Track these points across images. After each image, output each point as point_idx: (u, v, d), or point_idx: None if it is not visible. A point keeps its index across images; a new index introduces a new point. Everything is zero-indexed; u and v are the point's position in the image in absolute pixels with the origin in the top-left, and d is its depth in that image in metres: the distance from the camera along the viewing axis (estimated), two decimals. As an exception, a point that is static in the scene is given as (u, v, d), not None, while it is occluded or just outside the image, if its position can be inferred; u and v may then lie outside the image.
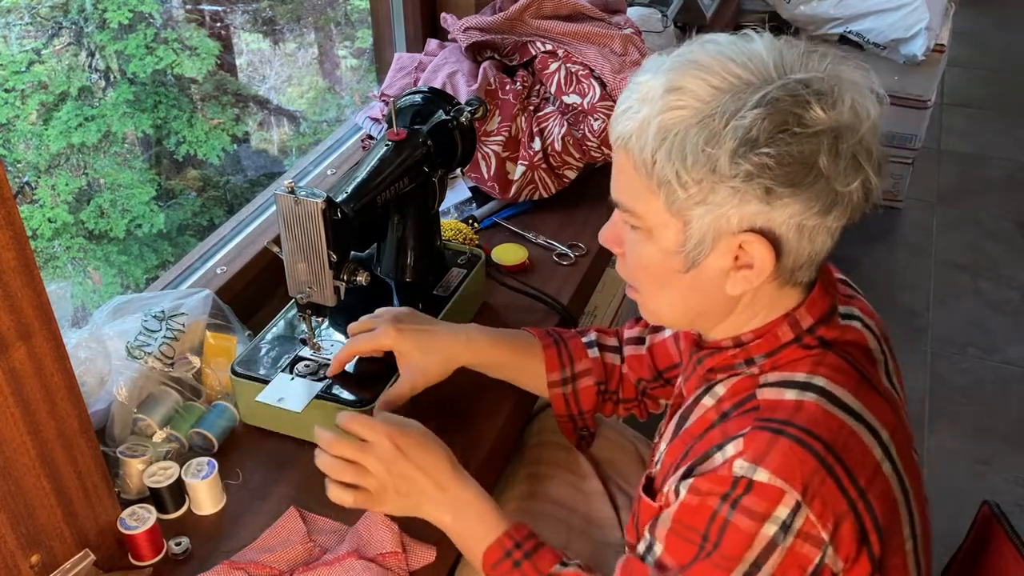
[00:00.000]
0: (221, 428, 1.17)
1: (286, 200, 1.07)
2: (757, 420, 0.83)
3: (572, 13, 1.72)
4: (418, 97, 1.32)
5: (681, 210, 0.81)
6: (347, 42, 3.89)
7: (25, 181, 2.95)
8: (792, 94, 0.76)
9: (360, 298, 1.24)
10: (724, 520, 0.80)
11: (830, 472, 0.79)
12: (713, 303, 0.87)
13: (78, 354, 1.09)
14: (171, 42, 3.14)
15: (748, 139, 0.76)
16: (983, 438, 2.37)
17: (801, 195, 0.78)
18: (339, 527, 1.06)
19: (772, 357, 0.87)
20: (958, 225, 3.20)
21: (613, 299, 1.76)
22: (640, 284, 0.92)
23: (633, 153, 0.82)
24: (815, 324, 0.87)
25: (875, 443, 0.84)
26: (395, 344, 1.10)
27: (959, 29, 4.06)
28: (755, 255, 0.81)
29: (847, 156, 0.78)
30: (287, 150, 3.70)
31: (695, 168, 0.78)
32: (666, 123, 0.78)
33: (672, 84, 0.79)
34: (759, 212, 0.79)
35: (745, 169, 0.77)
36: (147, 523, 1.01)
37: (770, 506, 0.78)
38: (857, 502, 0.81)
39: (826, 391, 0.84)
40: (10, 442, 0.88)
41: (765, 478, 0.78)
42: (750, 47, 0.80)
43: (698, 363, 0.93)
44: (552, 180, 1.60)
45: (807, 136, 0.76)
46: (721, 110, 0.77)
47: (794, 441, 0.80)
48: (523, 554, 0.97)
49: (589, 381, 1.18)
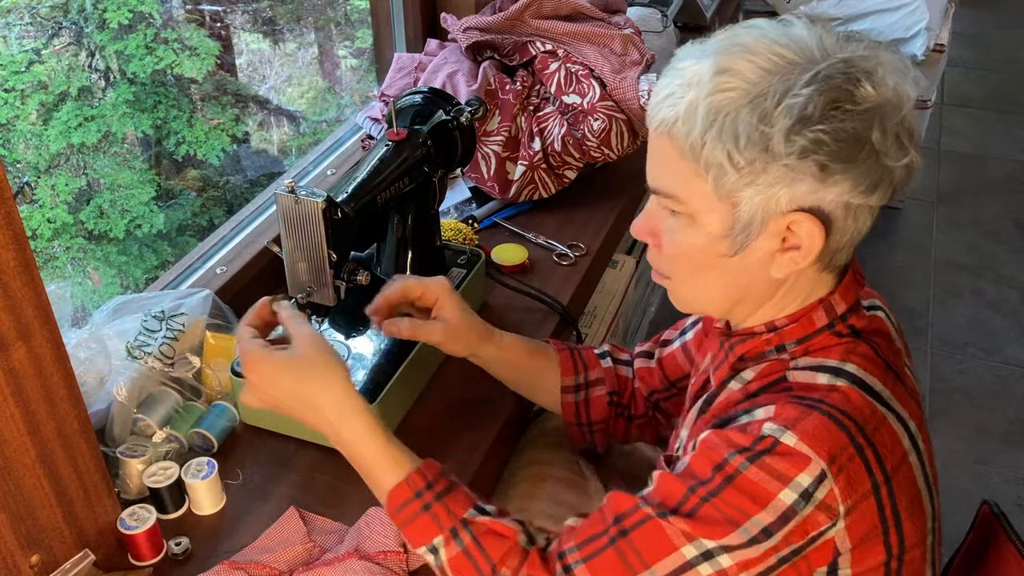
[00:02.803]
0: (221, 428, 1.17)
1: (286, 200, 1.07)
2: (790, 395, 0.82)
3: (572, 13, 1.72)
4: (418, 97, 1.32)
5: (730, 192, 0.81)
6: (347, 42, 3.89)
7: (25, 181, 2.95)
8: (843, 72, 0.77)
9: (360, 298, 1.24)
10: (734, 470, 0.79)
11: (859, 451, 0.79)
12: (756, 287, 0.87)
13: (78, 354, 1.09)
14: (171, 42, 3.15)
15: (803, 116, 0.76)
16: (983, 438, 2.37)
17: (853, 171, 0.78)
18: (339, 527, 1.06)
19: (804, 343, 0.87)
20: (958, 225, 3.21)
21: (613, 299, 1.76)
22: (676, 272, 0.91)
23: (679, 137, 0.81)
24: (847, 312, 0.88)
25: (904, 433, 0.84)
26: (443, 291, 1.09)
27: (959, 29, 4.06)
28: (804, 235, 0.81)
29: (892, 134, 0.79)
30: (287, 150, 3.70)
31: (748, 148, 0.78)
32: (715, 105, 0.78)
33: (721, 66, 0.79)
34: (810, 191, 0.79)
35: (800, 145, 0.77)
36: (147, 523, 1.01)
37: (791, 470, 0.77)
38: (881, 487, 0.80)
39: (857, 378, 0.84)
40: (10, 442, 0.88)
41: (792, 441, 0.78)
42: (792, 31, 0.81)
43: (730, 350, 0.93)
44: (552, 180, 1.60)
45: (858, 112, 0.77)
46: (772, 90, 0.77)
47: (827, 416, 0.79)
48: (435, 495, 0.91)
49: (601, 391, 1.18)
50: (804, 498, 0.78)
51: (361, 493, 1.11)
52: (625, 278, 1.81)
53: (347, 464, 1.14)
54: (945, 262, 3.02)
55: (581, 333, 1.47)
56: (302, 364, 0.92)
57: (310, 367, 0.92)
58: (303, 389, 0.92)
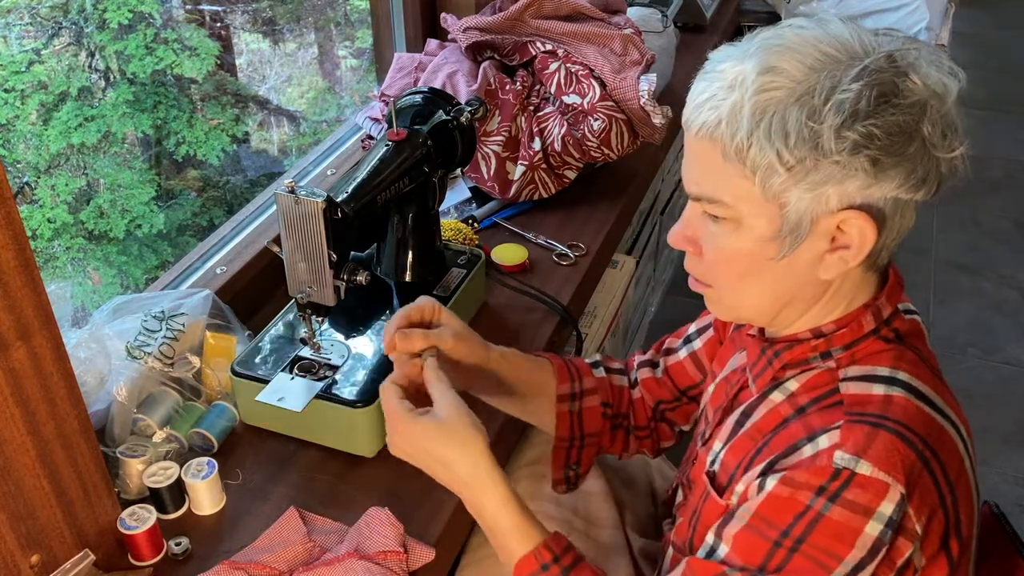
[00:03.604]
0: (221, 428, 1.17)
1: (286, 200, 1.07)
2: (848, 414, 0.81)
3: (572, 13, 1.72)
4: (418, 97, 1.32)
5: (778, 194, 0.79)
6: (347, 42, 3.89)
7: (25, 181, 2.95)
8: (889, 66, 0.77)
9: (360, 298, 1.24)
10: (817, 514, 0.77)
11: (927, 466, 0.78)
12: (804, 290, 0.86)
13: (78, 354, 1.09)
14: (171, 42, 3.15)
15: (854, 111, 0.75)
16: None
17: (904, 165, 0.78)
18: (339, 527, 1.06)
19: (850, 350, 0.86)
20: (958, 225, 3.20)
21: (613, 299, 1.75)
22: (720, 279, 0.89)
23: (723, 140, 0.79)
24: (891, 316, 0.87)
25: (959, 440, 0.83)
26: (436, 304, 1.07)
27: (959, 29, 4.06)
28: (855, 233, 0.80)
29: (940, 126, 0.78)
30: (287, 150, 3.70)
31: (798, 146, 0.77)
32: (761, 104, 0.77)
33: (766, 65, 0.78)
34: (861, 187, 0.78)
35: (852, 140, 0.76)
36: (147, 523, 1.01)
37: (874, 500, 0.76)
38: (947, 497, 0.79)
39: (912, 387, 0.82)
40: (10, 442, 0.88)
41: (868, 470, 0.76)
42: (831, 28, 0.80)
43: (774, 357, 0.90)
44: (552, 180, 1.60)
45: (907, 106, 0.76)
46: (819, 87, 0.76)
47: (894, 435, 0.78)
48: (561, 570, 0.90)
49: (595, 401, 1.16)
50: (890, 527, 0.76)
51: (361, 493, 1.11)
52: (625, 278, 1.80)
53: (347, 464, 1.15)
54: (945, 262, 3.02)
55: (581, 333, 1.47)
56: (444, 430, 0.93)
57: (451, 433, 0.93)
58: (443, 453, 0.93)
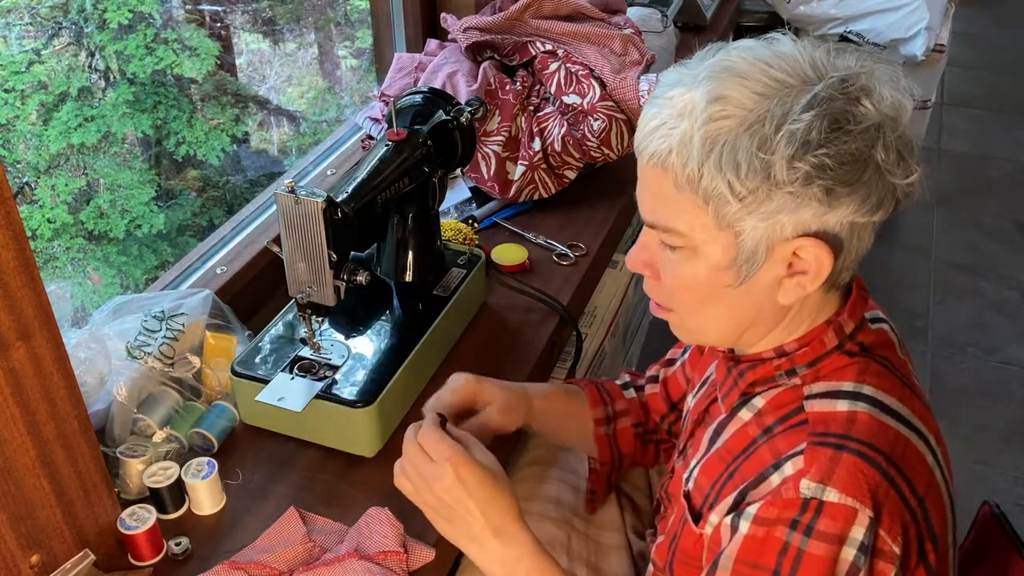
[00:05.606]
0: (221, 428, 1.17)
1: (286, 200, 1.07)
2: (812, 435, 0.80)
3: (572, 13, 1.72)
4: (418, 97, 1.32)
5: (732, 223, 0.78)
6: (347, 42, 3.89)
7: (25, 181, 2.95)
8: (841, 92, 0.76)
9: (360, 298, 1.24)
10: (798, 551, 0.76)
11: (892, 484, 0.78)
12: (764, 314, 0.85)
13: (78, 354, 1.09)
14: (171, 42, 3.14)
15: (806, 141, 0.74)
16: (983, 438, 2.37)
17: (858, 192, 0.77)
18: (339, 527, 1.06)
19: (815, 366, 0.85)
20: (958, 225, 3.21)
21: (613, 299, 1.75)
22: (679, 304, 0.88)
23: (674, 169, 0.78)
24: (855, 329, 0.86)
25: (927, 450, 0.83)
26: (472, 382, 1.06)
27: (959, 29, 4.06)
28: (811, 260, 0.79)
29: (894, 149, 0.77)
30: (287, 150, 3.70)
31: (749, 176, 0.76)
32: (711, 134, 0.76)
33: (715, 94, 0.76)
34: (815, 215, 0.77)
35: (804, 171, 0.75)
36: (147, 523, 1.01)
37: (845, 528, 0.75)
38: (917, 511, 0.79)
39: (876, 400, 0.82)
40: (10, 442, 0.87)
41: (835, 498, 0.76)
42: (780, 49, 0.79)
43: (739, 376, 0.90)
44: (552, 180, 1.60)
45: (859, 132, 0.76)
46: (769, 115, 0.75)
47: (857, 456, 0.77)
48: None
49: (627, 422, 1.17)
50: (863, 552, 0.76)
51: (361, 493, 1.11)
52: (625, 278, 1.80)
53: (347, 464, 1.15)
54: (945, 262, 3.02)
55: (581, 333, 1.47)
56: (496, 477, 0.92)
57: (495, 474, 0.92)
58: (480, 493, 0.91)
